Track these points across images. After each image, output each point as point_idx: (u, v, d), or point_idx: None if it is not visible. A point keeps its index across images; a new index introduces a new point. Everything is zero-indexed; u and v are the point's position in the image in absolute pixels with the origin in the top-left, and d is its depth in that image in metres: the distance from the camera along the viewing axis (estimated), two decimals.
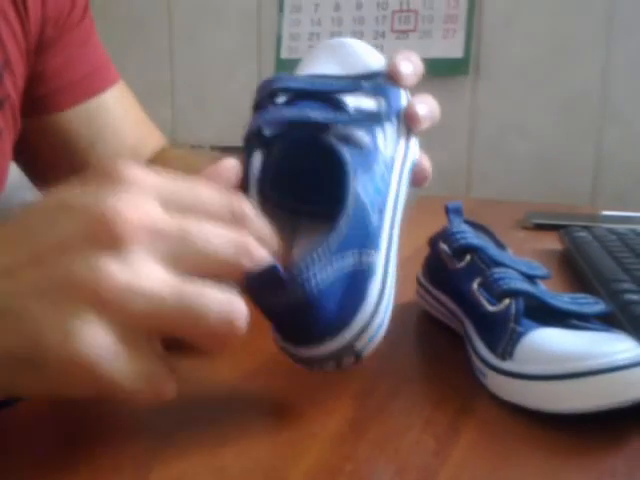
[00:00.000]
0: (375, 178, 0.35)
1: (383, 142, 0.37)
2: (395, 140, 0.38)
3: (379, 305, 0.32)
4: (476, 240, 0.45)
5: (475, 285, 0.41)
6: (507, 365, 0.36)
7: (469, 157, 1.46)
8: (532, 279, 0.41)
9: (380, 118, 0.36)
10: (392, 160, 0.37)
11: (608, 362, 0.32)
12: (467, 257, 0.44)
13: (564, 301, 0.39)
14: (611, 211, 0.94)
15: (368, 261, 0.32)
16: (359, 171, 0.34)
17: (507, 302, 0.38)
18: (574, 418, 0.33)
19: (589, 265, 0.56)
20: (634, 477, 0.30)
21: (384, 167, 0.36)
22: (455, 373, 0.40)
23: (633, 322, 0.40)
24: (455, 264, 0.45)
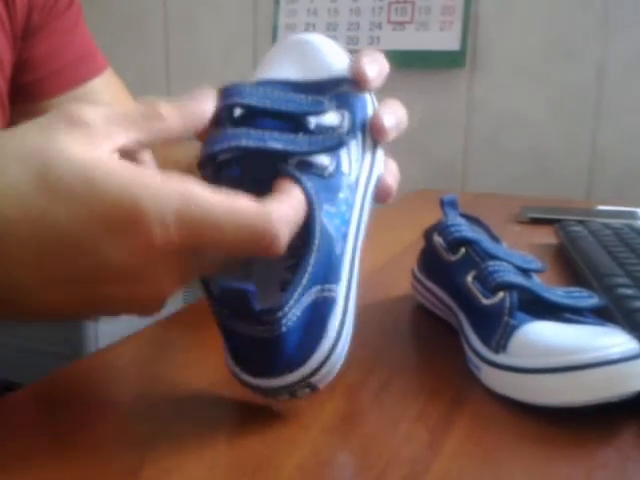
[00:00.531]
0: (340, 205, 0.34)
1: (347, 165, 0.36)
2: (360, 158, 0.37)
3: (338, 340, 0.32)
4: (471, 233, 0.45)
5: (469, 278, 0.41)
6: (501, 358, 0.36)
7: (465, 150, 1.46)
8: (526, 272, 0.41)
9: (343, 143, 0.34)
10: (356, 181, 0.36)
11: (602, 356, 0.32)
12: (462, 250, 0.44)
13: (558, 295, 0.39)
14: (606, 206, 0.94)
15: (331, 296, 0.32)
16: (323, 202, 0.32)
17: (501, 295, 0.38)
18: (567, 411, 0.33)
19: (584, 259, 0.56)
20: (626, 469, 0.30)
21: (348, 191, 0.35)
22: (449, 365, 0.40)
23: (627, 316, 0.40)
24: (450, 257, 0.45)
